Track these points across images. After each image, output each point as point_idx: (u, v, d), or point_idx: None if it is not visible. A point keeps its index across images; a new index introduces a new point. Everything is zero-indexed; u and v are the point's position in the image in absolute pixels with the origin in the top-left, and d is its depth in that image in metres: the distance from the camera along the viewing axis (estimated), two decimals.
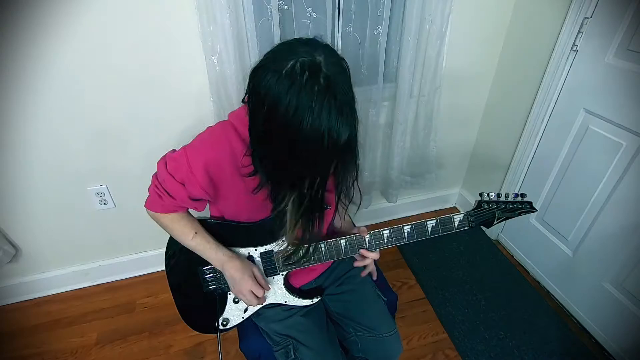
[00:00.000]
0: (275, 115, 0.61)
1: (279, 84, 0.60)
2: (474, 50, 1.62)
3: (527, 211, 0.90)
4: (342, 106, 0.60)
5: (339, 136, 0.61)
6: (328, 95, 0.59)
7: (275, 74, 0.60)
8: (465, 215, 0.89)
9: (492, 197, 0.89)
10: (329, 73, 0.60)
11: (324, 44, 0.65)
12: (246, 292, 0.89)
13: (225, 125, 0.82)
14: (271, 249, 0.94)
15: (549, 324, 1.55)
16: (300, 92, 0.59)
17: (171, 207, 0.86)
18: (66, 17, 1.11)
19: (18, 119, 1.24)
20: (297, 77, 0.59)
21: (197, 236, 0.88)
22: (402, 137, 1.64)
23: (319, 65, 0.60)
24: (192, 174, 0.79)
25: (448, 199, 2.18)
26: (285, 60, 0.60)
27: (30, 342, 1.50)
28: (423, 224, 0.90)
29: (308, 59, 0.60)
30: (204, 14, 1.16)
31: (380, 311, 1.06)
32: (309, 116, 0.59)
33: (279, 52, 0.64)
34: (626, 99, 1.23)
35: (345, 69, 0.65)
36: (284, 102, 0.59)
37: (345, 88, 0.63)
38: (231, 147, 0.79)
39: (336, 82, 0.61)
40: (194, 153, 0.80)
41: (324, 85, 0.59)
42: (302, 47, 0.62)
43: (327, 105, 0.59)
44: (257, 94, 0.64)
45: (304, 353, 0.94)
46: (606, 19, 1.24)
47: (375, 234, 0.92)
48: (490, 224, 0.91)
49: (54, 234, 1.54)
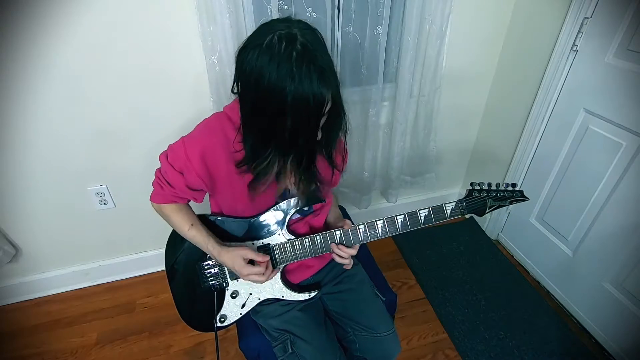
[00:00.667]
0: (261, 88, 0.65)
1: (260, 58, 0.64)
2: (474, 50, 1.62)
3: (519, 199, 0.91)
4: (322, 69, 0.64)
5: (322, 97, 0.66)
6: (306, 60, 0.63)
7: (256, 49, 0.64)
8: (456, 203, 0.91)
9: (484, 186, 0.91)
10: (304, 40, 0.64)
11: (299, 20, 0.69)
12: (248, 275, 0.89)
13: (219, 115, 0.87)
14: (268, 242, 0.95)
15: (549, 324, 1.55)
16: (280, 61, 0.63)
17: (171, 196, 0.91)
18: (66, 17, 1.11)
19: (18, 119, 1.24)
20: (275, 48, 0.63)
21: (193, 228, 0.92)
22: (402, 137, 1.64)
23: (295, 35, 0.64)
24: (189, 161, 0.83)
25: (448, 199, 2.15)
26: (264, 36, 0.65)
27: (30, 342, 1.50)
28: (415, 213, 0.91)
29: (285, 31, 0.65)
30: (204, 14, 1.16)
31: (378, 311, 1.06)
32: (292, 82, 0.63)
33: (258, 30, 0.69)
34: (626, 99, 1.23)
35: (320, 39, 0.69)
36: (266, 73, 0.63)
37: (322, 52, 0.67)
38: (225, 135, 0.83)
39: (313, 47, 0.65)
40: (190, 142, 0.85)
41: (301, 51, 0.63)
42: (278, 24, 0.67)
43: (307, 69, 0.63)
44: (242, 74, 0.68)
45: (301, 347, 0.95)
46: (606, 19, 1.24)
47: (369, 225, 0.93)
48: (483, 212, 0.92)
49: (54, 234, 1.54)
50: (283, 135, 0.71)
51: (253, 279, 0.90)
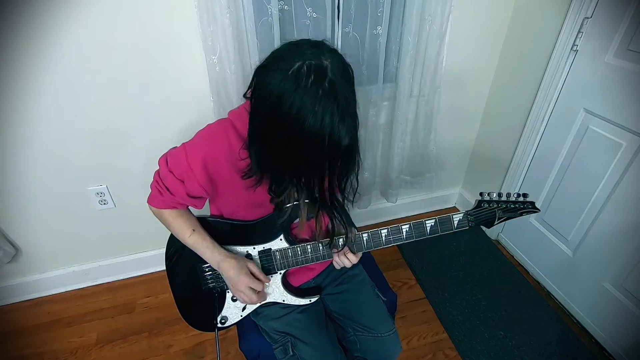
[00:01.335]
0: (278, 113, 0.62)
1: (284, 84, 0.60)
2: (474, 50, 1.62)
3: (530, 211, 0.88)
4: (344, 112, 0.61)
5: (339, 140, 0.63)
6: (331, 100, 0.60)
7: (281, 73, 0.61)
8: (464, 215, 0.88)
9: (493, 196, 0.88)
10: (333, 78, 0.61)
11: (331, 48, 0.66)
12: (244, 288, 0.89)
13: (224, 122, 0.84)
14: (269, 247, 0.95)
15: (549, 324, 1.55)
16: (305, 94, 0.60)
17: (170, 203, 0.88)
18: (67, 17, 1.11)
19: (18, 119, 1.24)
20: (302, 79, 0.60)
21: (195, 234, 0.90)
22: (402, 137, 1.64)
23: (325, 69, 0.61)
24: (190, 170, 0.81)
25: (448, 199, 2.18)
26: (292, 61, 0.61)
27: (30, 342, 1.50)
28: (422, 223, 0.89)
29: (315, 61, 0.61)
30: (204, 13, 1.16)
31: (379, 311, 1.06)
32: (312, 118, 0.60)
33: (287, 51, 0.65)
34: (626, 99, 1.23)
35: (350, 76, 0.66)
36: (287, 102, 0.60)
37: (349, 94, 0.63)
38: (229, 144, 0.80)
39: (340, 87, 0.61)
40: (192, 149, 0.82)
41: (328, 90, 0.60)
42: (309, 49, 0.63)
43: (330, 110, 0.60)
44: (261, 91, 0.65)
45: (302, 349, 0.95)
46: (606, 19, 1.24)
47: (374, 233, 0.91)
48: (491, 224, 0.89)
49: (54, 234, 1.54)
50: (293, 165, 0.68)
51: (246, 293, 0.89)
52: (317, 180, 0.71)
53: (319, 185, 0.73)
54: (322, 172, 0.69)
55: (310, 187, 0.73)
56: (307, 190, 0.74)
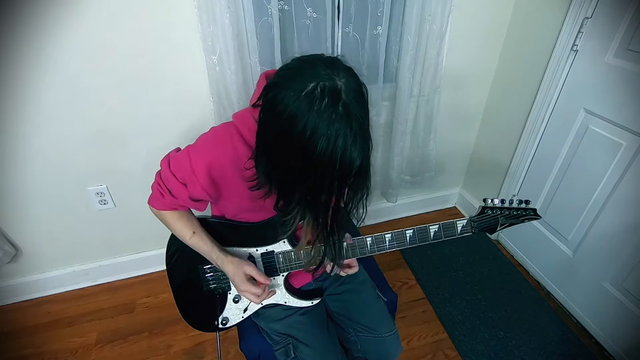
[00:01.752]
0: (289, 133, 0.60)
1: (297, 104, 0.59)
2: (474, 50, 1.62)
3: (531, 218, 0.89)
4: (356, 135, 0.60)
5: (351, 163, 0.62)
6: (345, 123, 0.59)
7: (295, 93, 0.59)
8: (468, 221, 0.89)
9: (496, 203, 0.88)
10: (347, 101, 0.60)
11: (346, 67, 0.64)
12: (244, 291, 0.89)
13: (229, 127, 0.82)
14: (272, 249, 0.94)
15: (549, 324, 1.55)
16: (319, 117, 0.58)
17: (172, 205, 0.87)
18: (66, 17, 1.11)
19: (18, 119, 1.24)
20: (316, 101, 0.58)
21: (195, 236, 0.90)
22: (402, 137, 1.64)
23: (339, 91, 0.60)
24: (194, 175, 0.80)
25: (448, 199, 2.18)
26: (306, 81, 0.60)
27: (30, 342, 1.50)
28: (425, 228, 0.89)
29: (329, 83, 0.59)
30: (204, 14, 1.16)
31: (380, 311, 1.06)
32: (324, 141, 0.59)
33: (300, 69, 0.63)
34: (626, 99, 1.23)
35: (363, 95, 0.65)
36: (300, 124, 0.59)
37: (362, 116, 0.62)
38: (234, 150, 0.79)
39: (354, 109, 0.60)
40: (196, 154, 0.81)
41: (342, 113, 0.59)
42: (323, 70, 0.61)
43: (343, 133, 0.59)
44: (272, 108, 0.63)
45: (303, 352, 0.94)
46: (606, 19, 1.24)
47: (377, 238, 0.91)
48: (494, 230, 0.90)
49: (54, 234, 1.54)
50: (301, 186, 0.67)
51: (248, 297, 0.89)
52: (324, 202, 0.69)
53: (325, 207, 0.71)
54: (330, 193, 0.67)
55: (315, 208, 0.71)
56: (311, 211, 0.73)
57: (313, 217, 0.74)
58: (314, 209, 0.71)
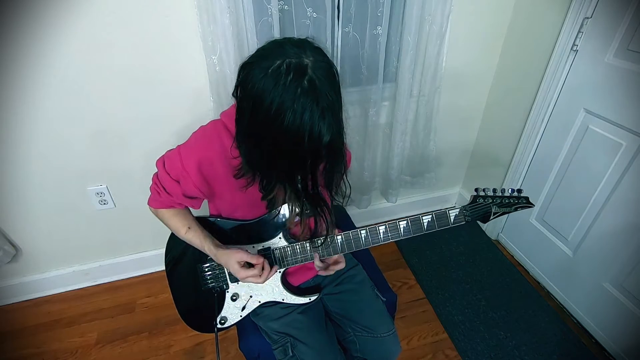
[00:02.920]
0: (258, 110, 0.63)
1: (264, 81, 0.61)
2: (474, 50, 1.62)
3: (524, 206, 0.89)
4: (324, 111, 0.62)
5: (320, 138, 0.63)
6: (310, 97, 0.60)
7: (262, 71, 0.62)
8: (460, 210, 0.89)
9: (488, 192, 0.90)
10: (313, 76, 0.61)
11: (315, 46, 0.66)
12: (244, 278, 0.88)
13: (216, 124, 0.86)
14: (268, 246, 0.95)
15: (549, 324, 1.55)
16: (283, 92, 0.60)
17: (168, 203, 0.90)
18: (67, 17, 1.11)
19: (18, 119, 1.24)
20: (281, 77, 0.60)
21: (190, 230, 0.92)
22: (402, 137, 1.64)
23: (305, 67, 0.61)
24: (185, 171, 0.82)
25: (448, 199, 2.18)
26: (273, 59, 0.62)
27: (30, 342, 1.50)
28: (418, 219, 0.90)
29: (295, 60, 0.61)
30: (204, 13, 1.16)
31: (379, 311, 1.06)
32: (290, 115, 0.60)
33: (269, 50, 0.66)
34: (626, 99, 1.23)
35: (333, 74, 0.66)
36: (267, 100, 0.61)
37: (330, 92, 0.63)
38: (222, 145, 0.82)
39: (320, 85, 0.61)
40: (186, 152, 0.83)
41: (307, 88, 0.60)
42: (292, 48, 0.63)
43: (309, 107, 0.60)
44: (243, 89, 0.66)
45: (302, 350, 0.95)
46: (606, 19, 1.24)
47: (371, 230, 0.92)
48: (487, 219, 0.90)
49: (54, 234, 1.54)
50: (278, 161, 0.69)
51: (251, 281, 0.90)
52: (302, 177, 0.72)
53: (304, 182, 0.73)
54: (304, 169, 0.70)
55: (295, 183, 0.74)
56: (292, 186, 0.75)
57: (294, 194, 0.77)
58: (292, 186, 0.74)
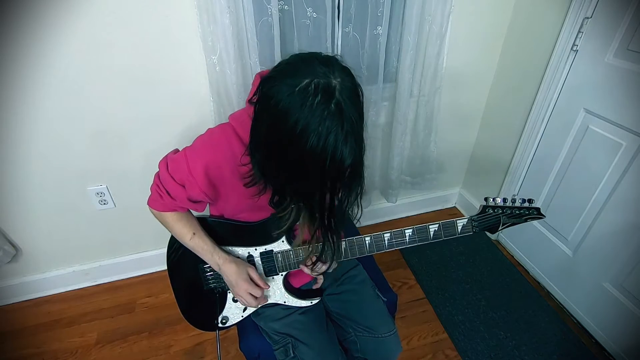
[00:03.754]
0: (281, 128, 0.61)
1: (291, 99, 0.59)
2: (474, 50, 1.62)
3: (535, 217, 0.87)
4: (348, 134, 0.60)
5: (342, 161, 0.62)
6: (337, 121, 0.59)
7: (289, 88, 0.60)
8: (469, 221, 0.88)
9: (498, 202, 0.87)
10: (341, 99, 0.60)
11: (342, 66, 0.64)
12: (243, 294, 0.90)
13: (225, 128, 0.83)
14: (271, 249, 0.94)
15: (549, 324, 1.55)
16: (310, 113, 0.58)
17: (171, 206, 0.88)
18: (67, 17, 1.11)
19: (17, 119, 1.24)
20: (309, 97, 0.59)
21: (195, 237, 0.90)
22: (402, 137, 1.64)
23: (334, 89, 0.60)
24: (191, 176, 0.80)
25: (448, 199, 2.18)
26: (301, 77, 0.60)
27: (30, 342, 1.50)
28: (425, 228, 0.88)
29: (324, 80, 0.60)
30: (204, 13, 1.16)
31: (380, 311, 1.06)
32: (315, 138, 0.59)
33: (296, 65, 0.63)
34: (626, 99, 1.23)
35: (359, 96, 0.65)
36: (291, 118, 0.59)
37: (355, 116, 0.62)
38: (231, 150, 0.79)
39: (346, 108, 0.60)
40: (193, 156, 0.81)
41: (334, 111, 0.59)
42: (320, 67, 0.61)
43: (334, 131, 0.59)
44: (266, 102, 0.63)
45: (302, 351, 0.95)
46: (606, 19, 1.24)
47: (376, 237, 0.91)
48: (495, 230, 0.88)
49: (54, 234, 1.54)
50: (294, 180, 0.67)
51: (245, 298, 0.90)
52: (318, 200, 0.69)
53: (320, 205, 0.71)
54: (322, 191, 0.68)
55: (310, 205, 0.71)
56: (307, 208, 0.73)
57: (308, 214, 0.74)
58: (308, 206, 0.72)
